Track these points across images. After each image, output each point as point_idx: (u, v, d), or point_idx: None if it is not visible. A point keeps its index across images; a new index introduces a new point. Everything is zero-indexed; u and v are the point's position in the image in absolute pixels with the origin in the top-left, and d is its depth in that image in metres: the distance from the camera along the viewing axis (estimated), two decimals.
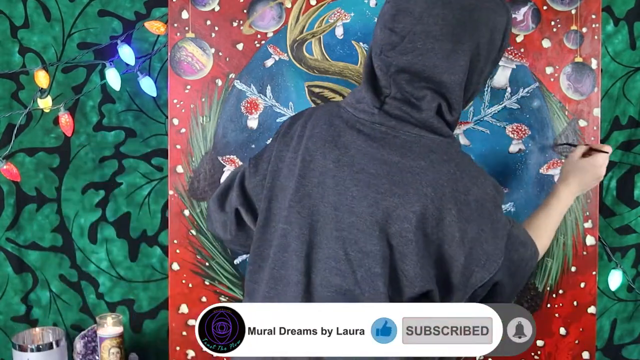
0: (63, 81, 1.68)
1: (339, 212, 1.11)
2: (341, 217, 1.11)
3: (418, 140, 1.11)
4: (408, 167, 1.09)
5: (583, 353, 1.62)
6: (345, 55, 1.57)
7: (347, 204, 1.10)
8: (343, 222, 1.11)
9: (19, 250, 1.73)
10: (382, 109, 1.12)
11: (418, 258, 1.09)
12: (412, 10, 1.09)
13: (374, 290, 1.09)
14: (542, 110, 1.57)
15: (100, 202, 1.72)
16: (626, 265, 1.74)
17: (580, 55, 1.56)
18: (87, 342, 1.67)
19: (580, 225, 1.59)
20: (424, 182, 1.08)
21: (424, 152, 1.10)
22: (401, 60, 1.09)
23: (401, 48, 1.09)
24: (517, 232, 1.21)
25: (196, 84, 1.58)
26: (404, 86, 1.11)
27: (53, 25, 1.66)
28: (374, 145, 1.11)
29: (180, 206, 1.60)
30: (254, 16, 1.58)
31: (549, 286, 1.60)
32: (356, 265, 1.10)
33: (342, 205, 1.11)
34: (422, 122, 1.11)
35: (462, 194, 1.09)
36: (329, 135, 1.15)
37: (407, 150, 1.10)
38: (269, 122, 1.58)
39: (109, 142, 1.70)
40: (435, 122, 1.11)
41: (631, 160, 1.72)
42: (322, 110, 1.22)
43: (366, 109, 1.14)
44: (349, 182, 1.11)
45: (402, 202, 1.08)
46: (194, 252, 1.61)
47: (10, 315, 1.75)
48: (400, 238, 1.08)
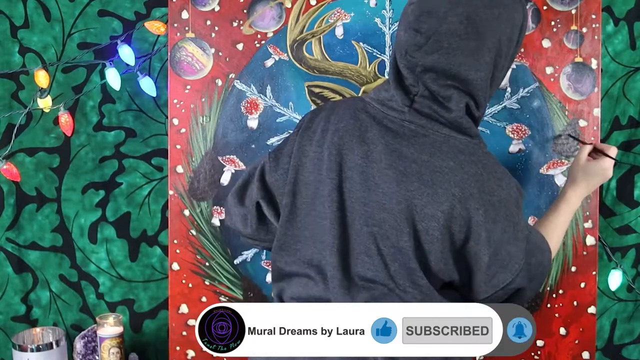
0: (63, 81, 1.68)
1: (368, 208, 1.12)
2: (371, 213, 1.12)
3: (447, 140, 1.12)
4: (437, 166, 1.10)
5: (583, 353, 1.62)
6: (345, 55, 1.57)
7: (377, 200, 1.11)
8: (373, 218, 1.12)
9: (19, 250, 1.73)
10: (412, 107, 1.14)
11: (442, 255, 1.11)
12: (437, 10, 1.10)
13: (411, 283, 1.11)
14: (542, 110, 1.57)
15: (100, 202, 1.72)
16: (626, 265, 1.74)
17: (580, 55, 1.56)
18: (87, 342, 1.67)
19: (580, 225, 1.59)
20: (452, 182, 1.09)
21: (452, 153, 1.11)
22: (427, 60, 1.10)
23: (427, 48, 1.10)
24: (535, 237, 1.23)
25: (196, 84, 1.58)
26: (430, 85, 1.12)
27: (53, 25, 1.66)
28: (403, 143, 1.12)
29: (180, 206, 1.60)
30: (254, 16, 1.58)
31: (549, 286, 1.60)
32: (389, 260, 1.11)
33: (371, 202, 1.12)
34: (451, 123, 1.12)
35: (488, 195, 1.11)
36: (356, 130, 1.16)
37: (436, 150, 1.11)
38: (269, 122, 1.58)
39: (109, 142, 1.70)
40: (464, 122, 1.13)
41: (631, 160, 1.72)
42: (346, 104, 1.22)
43: (396, 107, 1.15)
44: (378, 179, 1.12)
45: (431, 201, 1.09)
46: (194, 252, 1.61)
47: (10, 315, 1.75)
48: (427, 236, 1.10)
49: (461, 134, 1.13)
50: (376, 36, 1.56)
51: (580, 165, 1.40)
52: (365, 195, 1.12)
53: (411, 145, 1.12)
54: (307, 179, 1.18)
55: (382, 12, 1.56)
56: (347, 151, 1.15)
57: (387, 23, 1.56)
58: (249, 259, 1.62)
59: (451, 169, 1.10)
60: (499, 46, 1.11)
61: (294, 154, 1.21)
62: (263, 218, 1.29)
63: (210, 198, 1.60)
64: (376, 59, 1.56)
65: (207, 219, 1.61)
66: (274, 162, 1.25)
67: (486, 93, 1.14)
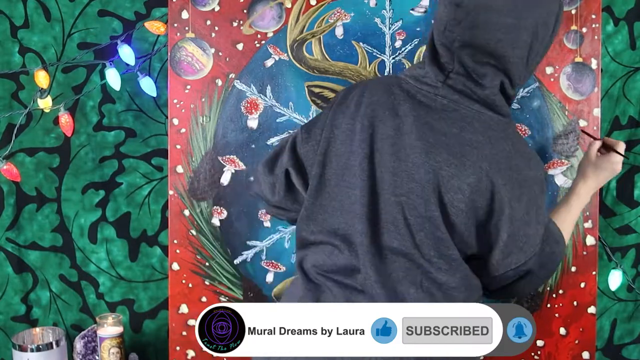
0: (63, 81, 1.68)
1: (397, 178, 1.13)
2: (399, 183, 1.13)
3: (478, 116, 1.14)
4: (467, 140, 1.12)
5: (583, 353, 1.62)
6: (345, 55, 1.57)
7: (407, 170, 1.13)
8: (402, 188, 1.13)
9: (19, 250, 1.73)
10: (445, 82, 1.15)
11: (466, 228, 1.13)
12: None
13: (436, 253, 1.12)
14: (542, 110, 1.57)
15: (100, 202, 1.72)
16: (626, 265, 1.74)
17: (580, 55, 1.56)
18: (87, 342, 1.67)
19: (580, 225, 1.59)
20: (480, 156, 1.11)
21: (482, 128, 1.13)
22: (466, 35, 1.12)
23: (466, 23, 1.11)
24: (553, 227, 1.24)
25: (196, 84, 1.58)
26: (466, 62, 1.13)
27: (53, 25, 1.66)
28: (435, 116, 1.14)
29: (180, 206, 1.60)
30: (254, 16, 1.58)
31: (549, 286, 1.60)
32: (415, 230, 1.12)
33: (401, 172, 1.13)
34: (483, 99, 1.14)
35: (515, 173, 1.12)
36: (389, 103, 1.17)
37: (466, 124, 1.13)
38: (269, 122, 1.58)
39: (109, 142, 1.70)
40: (497, 100, 1.15)
41: (631, 160, 1.72)
42: (380, 80, 1.25)
43: (430, 82, 1.17)
44: (409, 150, 1.13)
45: (458, 173, 1.11)
46: (194, 252, 1.61)
47: (10, 315, 1.75)
48: (452, 208, 1.12)
49: (493, 112, 1.15)
50: (376, 36, 1.56)
51: (591, 160, 1.41)
52: (395, 166, 1.14)
53: (442, 119, 1.14)
54: (339, 150, 1.20)
55: (382, 12, 1.56)
56: (379, 123, 1.16)
57: (387, 23, 1.56)
58: (249, 259, 1.62)
59: (480, 143, 1.12)
60: (536, 28, 1.12)
61: (327, 126, 1.23)
62: (291, 186, 1.29)
63: (210, 198, 1.60)
64: (376, 59, 1.56)
65: (207, 219, 1.61)
66: (306, 134, 1.26)
67: (522, 73, 1.15)
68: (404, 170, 1.13)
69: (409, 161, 1.13)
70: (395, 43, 1.56)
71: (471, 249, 1.17)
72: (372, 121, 1.17)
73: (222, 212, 1.60)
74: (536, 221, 1.17)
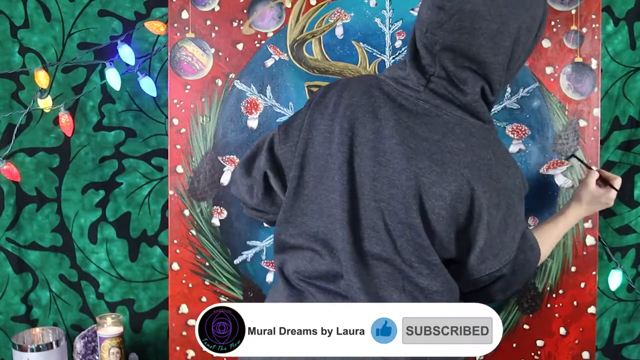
0: (63, 81, 1.68)
1: (377, 183, 1.12)
2: (380, 189, 1.12)
3: (460, 122, 1.13)
4: (448, 147, 1.11)
5: (583, 353, 1.62)
6: (345, 55, 1.57)
7: (387, 175, 1.12)
8: (382, 194, 1.12)
9: (19, 250, 1.73)
10: (427, 87, 1.14)
11: (446, 234, 1.12)
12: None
13: (417, 259, 1.12)
14: (542, 110, 1.57)
15: (100, 202, 1.72)
16: (626, 265, 1.74)
17: (580, 55, 1.56)
18: (87, 342, 1.67)
19: (580, 225, 1.59)
20: (462, 163, 1.10)
21: (464, 135, 1.12)
22: (447, 38, 1.10)
23: (448, 26, 1.10)
24: (530, 235, 1.24)
25: (196, 84, 1.58)
26: (447, 65, 1.12)
27: (53, 25, 1.66)
28: (416, 121, 1.13)
29: (180, 206, 1.60)
30: (254, 16, 1.58)
31: (549, 286, 1.60)
32: (396, 236, 1.12)
33: (381, 177, 1.12)
34: (465, 106, 1.13)
35: (495, 181, 1.12)
36: (369, 105, 1.16)
37: (448, 131, 1.12)
38: (269, 122, 1.58)
39: (109, 142, 1.70)
40: (478, 107, 1.13)
41: (631, 160, 1.72)
42: (359, 80, 1.22)
43: (411, 86, 1.15)
44: (389, 155, 1.12)
45: (439, 180, 1.10)
46: (194, 252, 1.61)
47: (10, 315, 1.75)
48: (432, 215, 1.11)
49: (474, 118, 1.14)
50: (376, 36, 1.56)
51: (589, 189, 1.41)
52: (375, 171, 1.12)
53: (424, 124, 1.12)
54: (317, 152, 1.18)
55: (382, 12, 1.56)
56: (359, 126, 1.15)
57: (387, 23, 1.56)
58: (249, 259, 1.62)
59: (462, 150, 1.11)
60: (518, 34, 1.11)
61: (305, 127, 1.21)
62: (269, 189, 1.28)
63: (210, 198, 1.60)
64: (376, 59, 1.56)
65: (207, 219, 1.61)
66: (283, 134, 1.25)
67: (502, 78, 1.14)
68: (385, 176, 1.12)
69: (389, 167, 1.12)
70: (395, 43, 1.56)
71: (449, 254, 1.16)
72: (352, 123, 1.15)
73: (222, 212, 1.60)
74: (513, 229, 1.16)
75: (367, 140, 1.13)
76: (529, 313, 1.60)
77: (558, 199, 1.57)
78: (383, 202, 1.12)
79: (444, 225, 1.11)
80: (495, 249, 1.15)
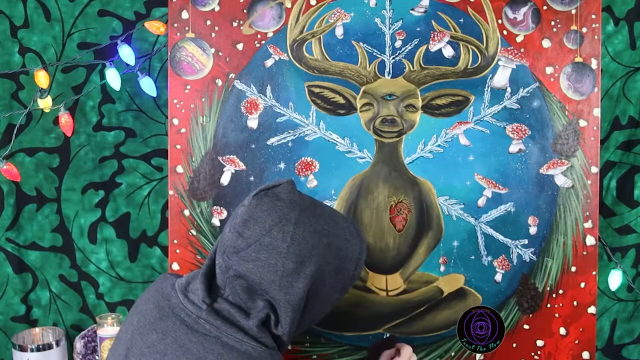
0: (63, 81, 1.68)
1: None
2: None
3: (240, 345, 1.08)
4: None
5: (583, 353, 1.62)
6: (345, 55, 1.57)
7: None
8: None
9: (19, 250, 1.73)
10: (211, 306, 1.12)
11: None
12: (264, 221, 1.09)
13: None
14: (542, 110, 1.57)
15: (100, 202, 1.72)
16: (626, 265, 1.74)
17: (580, 55, 1.56)
18: (87, 342, 1.67)
19: (580, 225, 1.59)
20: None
21: (242, 358, 1.07)
22: (242, 266, 1.09)
23: (244, 254, 1.09)
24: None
25: (196, 84, 1.58)
26: (239, 292, 1.10)
27: (53, 25, 1.66)
28: (194, 340, 1.09)
29: (180, 206, 1.60)
30: (254, 16, 1.58)
31: (549, 286, 1.60)
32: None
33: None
34: (245, 329, 1.10)
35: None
36: (152, 316, 1.14)
37: (226, 352, 1.08)
38: (269, 122, 1.58)
39: (109, 142, 1.70)
40: (256, 332, 1.09)
41: (631, 160, 1.72)
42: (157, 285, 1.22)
43: (195, 302, 1.13)
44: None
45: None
46: (194, 252, 1.61)
47: (10, 315, 1.75)
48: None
49: (255, 342, 1.09)
50: (376, 36, 1.56)
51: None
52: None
53: (201, 344, 1.08)
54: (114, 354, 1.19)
55: (382, 12, 1.56)
56: (138, 337, 1.14)
57: (387, 23, 1.56)
58: None
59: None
60: (322, 276, 1.09)
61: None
62: None
63: (210, 198, 1.60)
64: (376, 59, 1.56)
65: (207, 219, 1.61)
66: None
67: (292, 317, 1.10)
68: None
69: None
70: (395, 43, 1.56)
71: None
72: (134, 333, 1.14)
73: (222, 212, 1.60)
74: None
75: (142, 354, 1.11)
76: (529, 313, 1.60)
77: (558, 199, 1.57)
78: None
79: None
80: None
